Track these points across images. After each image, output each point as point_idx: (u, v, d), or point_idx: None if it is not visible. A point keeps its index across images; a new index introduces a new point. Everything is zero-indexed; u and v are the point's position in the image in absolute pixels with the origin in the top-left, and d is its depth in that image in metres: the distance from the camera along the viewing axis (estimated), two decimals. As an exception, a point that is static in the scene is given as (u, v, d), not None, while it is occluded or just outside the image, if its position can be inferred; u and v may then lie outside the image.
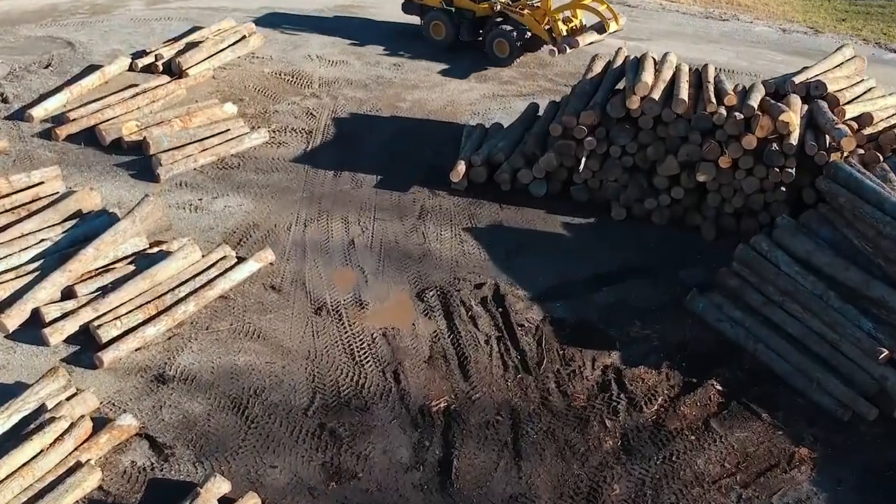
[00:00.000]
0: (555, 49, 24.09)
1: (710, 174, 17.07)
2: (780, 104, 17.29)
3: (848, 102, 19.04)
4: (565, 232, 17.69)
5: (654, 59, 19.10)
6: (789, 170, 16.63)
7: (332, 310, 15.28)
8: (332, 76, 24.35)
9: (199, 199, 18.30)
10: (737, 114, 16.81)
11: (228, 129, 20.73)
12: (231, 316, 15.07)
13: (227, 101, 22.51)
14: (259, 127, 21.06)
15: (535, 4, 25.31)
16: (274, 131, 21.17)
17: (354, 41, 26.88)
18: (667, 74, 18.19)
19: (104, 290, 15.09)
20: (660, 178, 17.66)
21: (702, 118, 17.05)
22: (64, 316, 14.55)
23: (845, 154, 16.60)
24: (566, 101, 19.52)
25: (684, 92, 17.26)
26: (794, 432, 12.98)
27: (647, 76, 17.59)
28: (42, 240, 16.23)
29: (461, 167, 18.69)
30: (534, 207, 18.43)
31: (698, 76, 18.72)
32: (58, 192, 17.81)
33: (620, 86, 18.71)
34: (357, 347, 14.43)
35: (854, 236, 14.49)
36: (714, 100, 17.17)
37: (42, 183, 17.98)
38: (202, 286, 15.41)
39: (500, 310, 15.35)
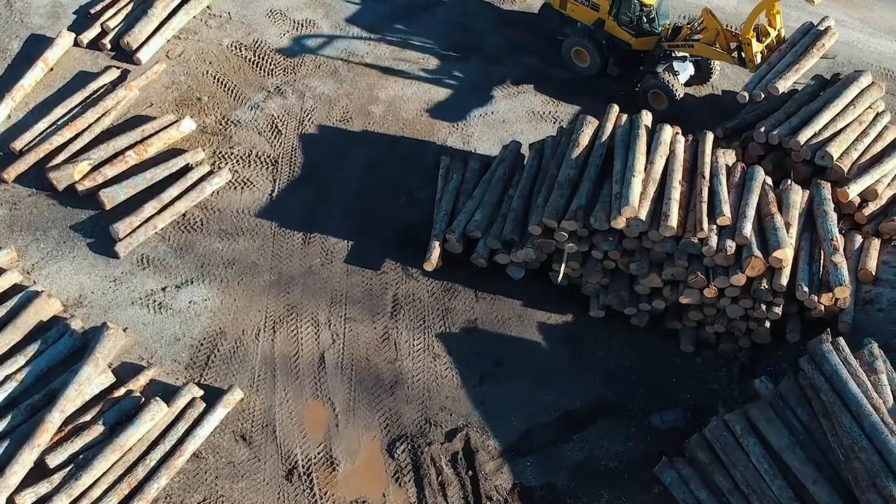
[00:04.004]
0: (745, 94, 19.00)
1: (693, 298, 16.28)
2: (775, 219, 16.04)
3: (855, 163, 17.78)
4: (541, 340, 17.19)
5: (647, 128, 17.35)
6: (776, 308, 15.85)
7: (304, 472, 15.40)
8: (296, 51, 21.98)
9: (163, 289, 17.54)
10: (728, 245, 15.67)
11: (188, 166, 19.25)
12: (203, 485, 15.24)
13: (183, 101, 20.69)
14: (220, 165, 19.53)
15: (701, 25, 20.44)
16: (238, 159, 19.69)
17: (320, -16, 23.98)
18: (658, 167, 16.65)
19: (76, 464, 15.10)
20: (642, 286, 16.83)
21: (690, 245, 15.92)
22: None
23: (837, 300, 15.71)
24: (551, 160, 18.01)
25: (674, 212, 15.94)
26: None
27: (636, 186, 16.10)
28: (6, 378, 15.93)
29: (434, 255, 17.70)
30: (510, 297, 17.73)
31: (694, 153, 17.17)
32: (15, 285, 17.21)
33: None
34: (329, 535, 14.80)
35: (829, 431, 14.22)
36: (706, 220, 15.89)
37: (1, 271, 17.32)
38: (172, 450, 15.37)
39: (470, 473, 15.45)
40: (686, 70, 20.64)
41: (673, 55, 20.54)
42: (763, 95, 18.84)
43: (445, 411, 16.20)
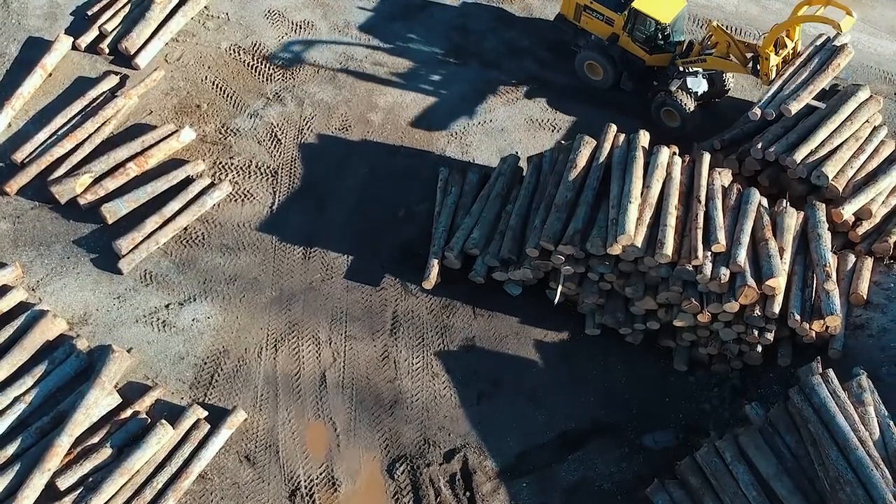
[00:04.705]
0: (758, 112, 18.58)
1: (687, 322, 16.59)
2: (769, 246, 16.27)
3: (850, 181, 17.95)
4: (537, 358, 17.52)
5: (644, 149, 17.45)
6: (768, 334, 16.16)
7: (306, 493, 15.86)
8: (295, 55, 21.91)
9: (166, 306, 17.84)
10: (722, 273, 15.91)
11: (189, 178, 19.39)
12: (209, 508, 15.74)
13: (182, 108, 20.76)
14: (220, 177, 19.67)
15: (711, 40, 20.20)
16: (238, 170, 19.82)
17: (317, -18, 23.76)
18: (654, 192, 16.82)
19: (85, 487, 15.56)
20: (637, 307, 17.12)
21: (684, 271, 16.17)
22: (50, 529, 15.27)
23: (828, 327, 16.00)
24: (549, 176, 18.15)
25: (670, 240, 16.15)
26: None
27: (632, 212, 16.29)
28: (15, 399, 16.34)
29: (433, 274, 17.95)
30: (508, 313, 18.03)
31: (691, 174, 17.32)
32: (21, 303, 17.54)
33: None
34: (332, 560, 15.33)
35: (816, 460, 14.63)
36: (700, 247, 16.11)
37: (4, 288, 17.61)
38: (178, 472, 15.82)
39: (468, 494, 15.91)
40: (700, 86, 20.33)
41: (686, 71, 20.30)
42: (774, 114, 18.65)
43: (444, 431, 16.62)
